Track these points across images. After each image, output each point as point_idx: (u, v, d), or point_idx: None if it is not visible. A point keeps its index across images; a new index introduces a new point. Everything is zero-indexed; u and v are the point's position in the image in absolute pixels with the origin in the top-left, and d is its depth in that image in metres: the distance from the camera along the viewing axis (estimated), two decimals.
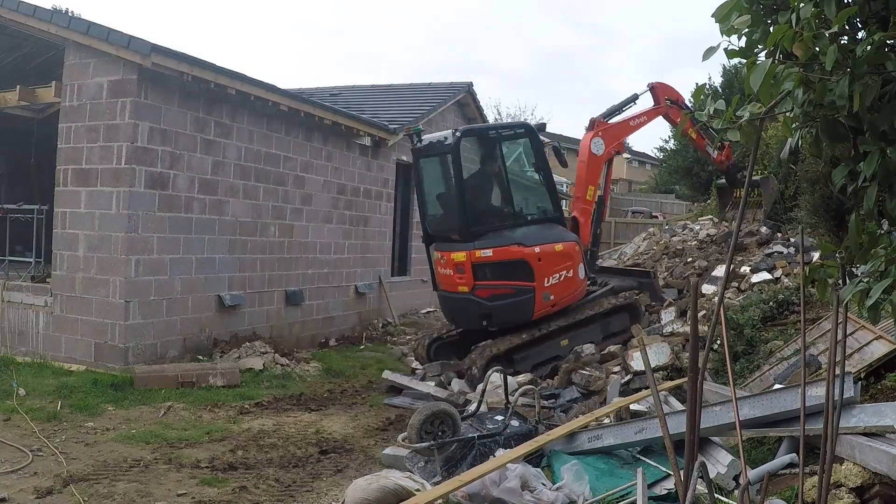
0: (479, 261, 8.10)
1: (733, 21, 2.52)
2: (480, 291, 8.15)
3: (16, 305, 9.11)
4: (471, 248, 8.13)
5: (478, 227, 8.34)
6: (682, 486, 3.07)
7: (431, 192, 9.23)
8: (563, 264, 8.55)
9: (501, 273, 8.19)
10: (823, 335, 6.64)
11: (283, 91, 10.37)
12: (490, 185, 8.93)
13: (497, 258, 8.15)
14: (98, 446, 5.81)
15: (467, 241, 8.21)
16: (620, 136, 10.12)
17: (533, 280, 8.28)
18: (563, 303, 8.65)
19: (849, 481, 4.04)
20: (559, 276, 8.47)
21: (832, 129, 2.55)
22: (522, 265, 8.26)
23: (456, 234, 8.46)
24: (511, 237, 8.34)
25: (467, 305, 8.32)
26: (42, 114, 12.24)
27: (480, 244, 8.16)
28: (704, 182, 28.60)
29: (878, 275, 2.53)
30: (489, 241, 8.23)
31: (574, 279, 8.69)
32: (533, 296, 8.28)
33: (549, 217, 8.94)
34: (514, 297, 8.21)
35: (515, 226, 8.58)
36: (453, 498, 4.50)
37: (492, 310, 8.17)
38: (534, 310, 8.33)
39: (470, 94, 17.04)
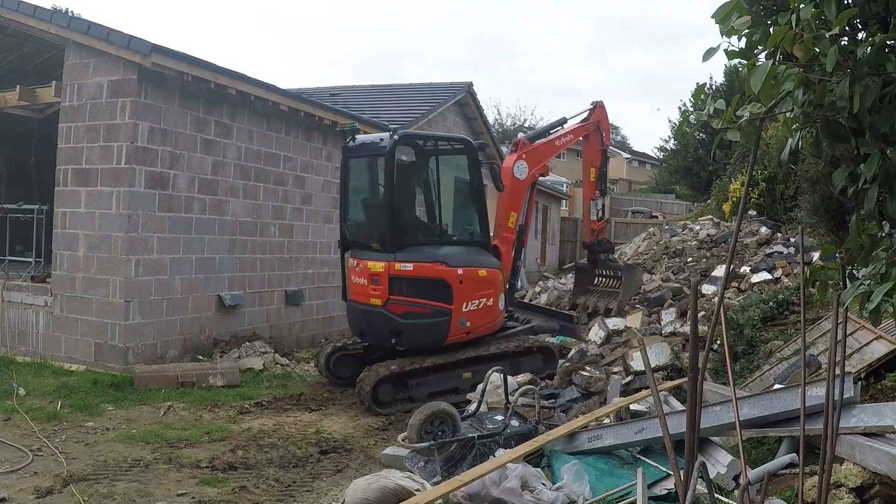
0: (397, 274, 7.53)
1: (733, 22, 2.52)
2: (394, 307, 7.55)
3: (16, 305, 9.11)
4: (391, 260, 7.55)
5: (402, 238, 7.76)
6: (682, 485, 3.07)
7: (356, 196, 8.64)
8: (484, 291, 7.99)
9: (419, 290, 7.62)
10: (823, 335, 6.64)
11: (283, 91, 10.38)
12: (419, 197, 8.54)
13: (417, 274, 7.59)
14: (98, 446, 5.81)
15: (388, 252, 7.61)
16: (545, 158, 9.56)
17: (451, 303, 7.70)
18: (479, 331, 8.06)
19: (849, 481, 4.05)
20: (478, 303, 7.92)
21: (832, 130, 2.55)
22: (442, 285, 7.69)
23: (377, 242, 7.84)
24: (435, 254, 7.80)
25: (378, 320, 7.69)
26: (42, 114, 12.24)
27: (402, 257, 7.58)
28: (704, 182, 28.68)
29: (878, 277, 2.53)
30: (411, 254, 7.66)
31: (493, 308, 8.13)
32: (449, 319, 7.70)
33: (475, 240, 8.37)
34: (428, 318, 7.63)
35: (441, 243, 8.10)
36: (453, 498, 4.50)
37: (404, 328, 7.55)
38: (448, 334, 7.72)
39: (470, 94, 17.05)
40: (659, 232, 17.03)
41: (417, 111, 14.90)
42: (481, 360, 7.89)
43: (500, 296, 8.27)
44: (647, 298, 10.55)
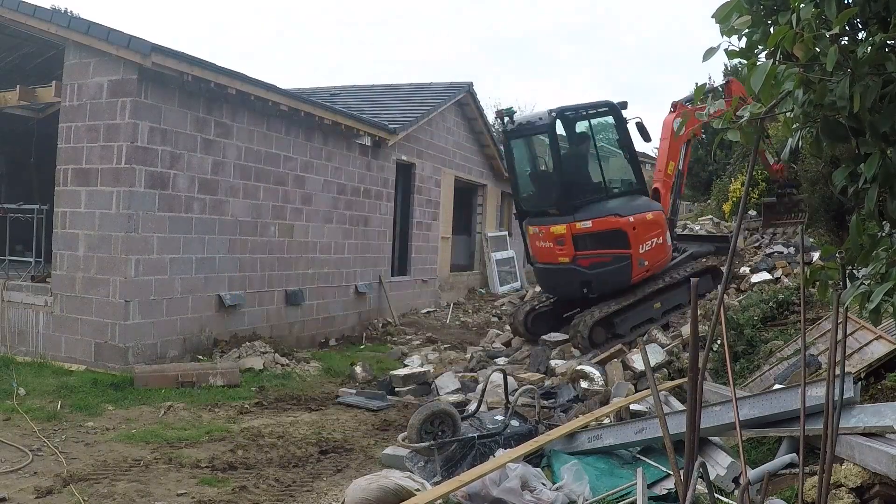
0: (579, 232, 8.81)
1: (734, 22, 2.52)
2: (582, 261, 8.87)
3: (16, 305, 9.11)
4: (570, 221, 8.84)
5: (575, 200, 9.01)
6: (682, 485, 3.07)
7: (524, 170, 9.89)
8: (653, 232, 9.22)
9: (600, 242, 8.89)
10: (823, 335, 6.64)
11: (283, 91, 10.37)
12: (582, 161, 9.57)
13: (596, 228, 8.86)
14: (98, 446, 5.81)
15: (566, 215, 8.90)
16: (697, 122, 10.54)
17: (629, 248, 8.95)
18: (656, 268, 9.38)
19: (849, 481, 4.05)
20: (651, 243, 9.16)
21: (832, 130, 2.55)
22: (619, 234, 8.93)
23: (554, 208, 9.11)
24: (607, 208, 9.02)
25: (568, 275, 9.00)
26: (42, 114, 12.25)
27: (580, 216, 8.86)
28: (704, 182, 28.62)
29: (878, 277, 2.53)
30: (587, 213, 8.92)
31: (664, 245, 9.39)
32: (630, 262, 8.96)
33: (634, 189, 9.53)
34: (613, 265, 8.89)
35: (607, 198, 9.24)
36: (453, 498, 4.50)
37: (593, 277, 8.85)
38: (632, 275, 9.01)
39: (470, 94, 17.05)
40: None
41: (417, 111, 14.90)
42: (665, 290, 9.44)
43: (667, 233, 9.54)
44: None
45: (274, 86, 10.15)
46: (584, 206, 9.05)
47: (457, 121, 17.12)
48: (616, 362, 7.75)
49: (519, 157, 9.93)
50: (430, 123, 15.39)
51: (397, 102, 16.20)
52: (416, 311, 14.51)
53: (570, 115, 9.55)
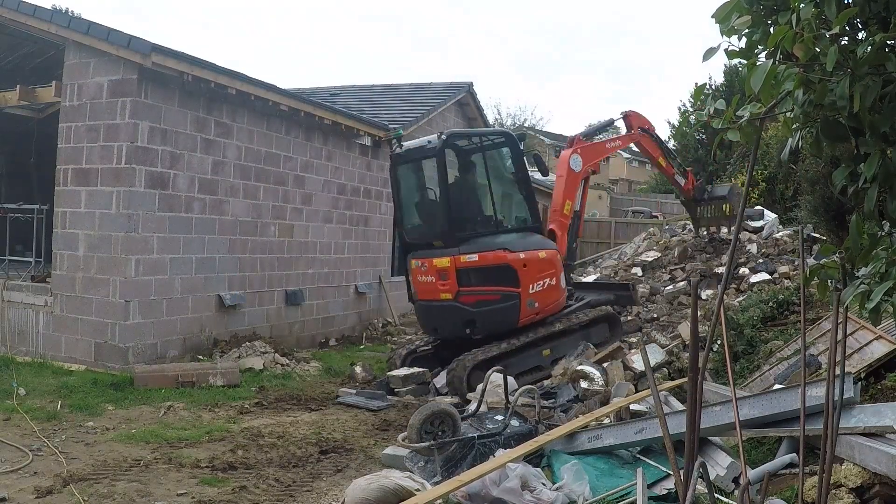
0: (463, 266, 7.96)
1: (733, 22, 2.52)
2: (465, 297, 8.00)
3: (16, 305, 9.11)
4: (455, 254, 7.99)
5: (461, 232, 8.22)
6: (682, 485, 3.07)
7: (411, 199, 9.08)
8: (546, 272, 8.46)
9: (487, 278, 8.05)
10: (823, 335, 6.64)
11: (283, 91, 10.37)
12: (472, 192, 8.87)
13: (482, 263, 8.02)
14: (98, 446, 5.81)
15: (451, 247, 8.07)
16: (597, 157, 10.26)
17: (518, 286, 8.15)
18: (547, 311, 8.56)
19: (849, 481, 4.05)
20: (543, 284, 8.37)
21: (832, 130, 2.55)
22: (508, 271, 8.12)
23: (439, 239, 8.30)
24: (496, 243, 8.22)
25: (451, 313, 8.13)
26: (42, 114, 12.24)
27: (465, 249, 8.02)
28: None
29: (878, 276, 2.53)
30: (474, 246, 8.10)
31: (557, 287, 8.64)
32: (518, 302, 8.16)
33: (528, 226, 8.87)
34: (499, 303, 8.07)
35: (497, 233, 8.46)
36: (453, 498, 4.50)
37: (476, 316, 8.00)
38: (520, 316, 8.20)
39: (470, 94, 17.06)
40: (659, 232, 17.01)
41: (417, 111, 14.90)
42: (555, 336, 8.59)
43: (561, 275, 8.81)
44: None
45: (274, 86, 10.15)
46: (472, 240, 8.23)
47: (457, 121, 17.11)
48: (616, 362, 7.74)
49: (406, 185, 9.08)
50: (431, 123, 15.38)
51: (397, 102, 16.20)
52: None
53: (462, 142, 8.96)
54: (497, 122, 47.77)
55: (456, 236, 8.13)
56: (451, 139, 8.43)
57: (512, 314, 8.15)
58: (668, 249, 13.95)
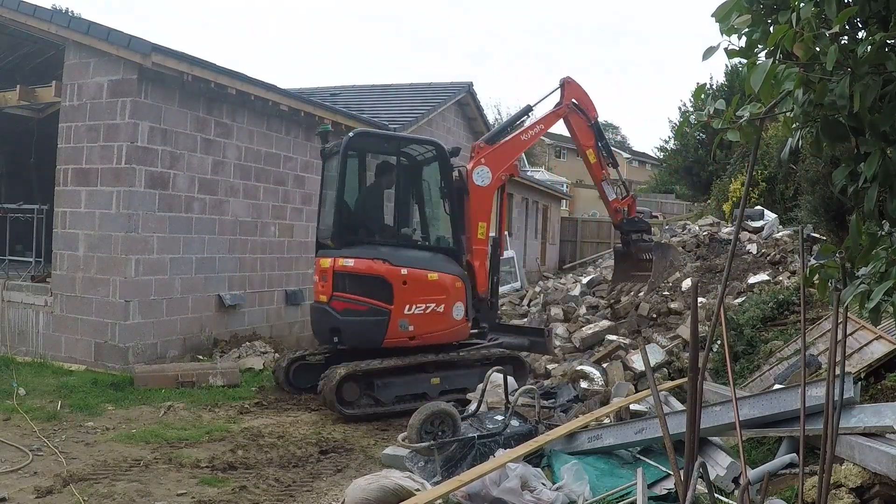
0: (340, 270, 7.35)
1: (733, 21, 2.52)
2: (336, 303, 7.35)
3: (16, 305, 9.11)
4: (337, 255, 7.43)
5: (352, 235, 7.58)
6: (682, 485, 3.07)
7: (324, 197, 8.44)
8: (433, 296, 7.57)
9: (360, 287, 7.34)
10: (823, 335, 6.64)
11: (283, 91, 10.38)
12: (377, 198, 8.13)
13: (357, 270, 7.35)
14: (98, 446, 5.81)
15: (338, 249, 7.50)
16: (511, 157, 8.75)
17: (391, 303, 7.34)
18: (427, 339, 7.59)
19: (849, 481, 4.04)
20: (425, 308, 7.51)
21: (833, 130, 2.55)
22: (383, 284, 7.35)
23: (330, 239, 7.68)
24: (378, 252, 7.47)
25: (323, 316, 7.53)
26: (42, 114, 12.24)
27: (346, 252, 7.41)
28: (704, 182, 28.69)
29: (878, 276, 2.53)
30: (356, 251, 7.45)
31: (444, 316, 7.66)
32: (387, 320, 7.32)
33: (443, 248, 7.97)
34: (366, 316, 7.32)
35: (398, 246, 7.68)
36: (453, 498, 4.50)
37: (342, 325, 7.33)
38: (385, 335, 7.35)
39: (470, 94, 17.06)
40: (659, 232, 17.03)
41: (417, 111, 14.91)
42: (449, 366, 7.69)
43: (457, 305, 7.76)
44: None
45: (274, 86, 10.16)
46: (361, 245, 7.53)
47: (457, 121, 17.12)
48: (616, 362, 7.74)
49: (325, 182, 8.43)
50: (431, 123, 15.39)
51: (397, 102, 16.21)
52: None
53: (373, 144, 8.30)
54: (497, 122, 47.80)
55: (344, 239, 7.50)
56: (357, 139, 7.75)
57: (377, 331, 7.33)
58: None
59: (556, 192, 28.13)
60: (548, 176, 34.08)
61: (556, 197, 28.23)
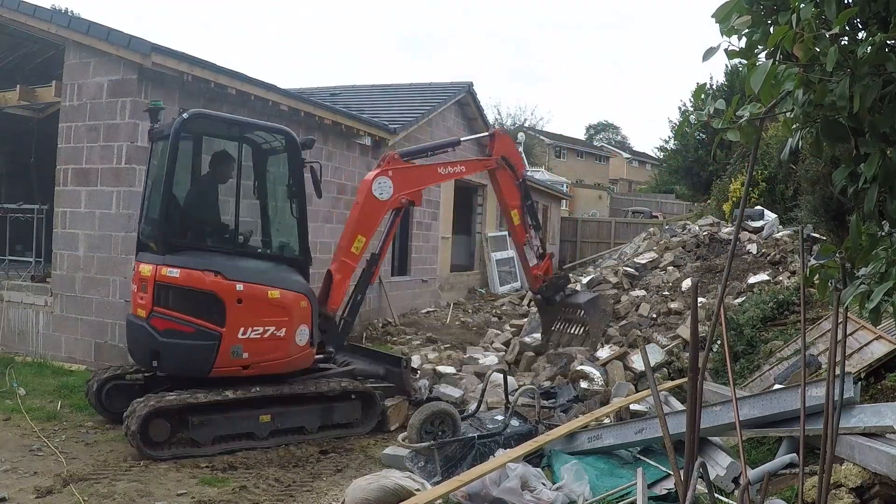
0: (163, 280, 6.04)
1: (733, 22, 2.52)
2: (156, 320, 6.03)
3: (16, 305, 9.11)
4: (160, 263, 6.12)
5: (179, 239, 6.31)
6: (682, 485, 3.07)
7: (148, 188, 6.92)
8: (273, 317, 6.35)
9: (186, 303, 6.06)
10: (823, 335, 6.65)
11: (283, 91, 10.37)
12: (211, 194, 6.83)
13: (183, 282, 6.05)
14: (98, 446, 5.81)
15: (162, 254, 6.20)
16: (421, 184, 8.00)
17: (223, 325, 6.08)
18: (263, 368, 6.37)
19: (849, 481, 4.05)
20: (262, 332, 6.28)
21: (832, 130, 2.55)
22: (213, 301, 6.09)
23: (153, 241, 6.43)
24: (211, 262, 6.20)
25: (141, 335, 6.18)
26: (42, 113, 12.24)
27: (172, 259, 6.11)
28: (704, 182, 28.71)
29: (878, 277, 2.53)
30: (183, 258, 6.15)
31: (286, 341, 6.43)
32: (217, 344, 6.06)
33: (288, 257, 6.92)
34: (191, 339, 6.03)
35: (234, 254, 6.46)
36: (453, 498, 4.51)
37: (163, 347, 6.01)
38: (213, 363, 6.08)
39: (470, 94, 17.05)
40: (659, 232, 17.03)
41: (417, 111, 14.90)
42: (284, 401, 6.40)
43: (301, 327, 6.56)
44: None
45: (274, 86, 10.15)
46: (190, 251, 6.25)
47: (457, 121, 17.11)
48: (616, 362, 7.75)
49: (152, 170, 6.88)
50: (430, 123, 15.38)
51: (397, 102, 16.20)
52: (415, 310, 14.50)
53: (211, 128, 6.90)
54: (497, 122, 47.85)
55: (169, 242, 6.21)
56: (194, 121, 6.37)
57: (204, 357, 6.06)
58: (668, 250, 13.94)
59: (556, 192, 28.12)
60: (548, 176, 34.06)
61: (556, 197, 28.23)
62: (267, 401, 6.32)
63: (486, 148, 9.00)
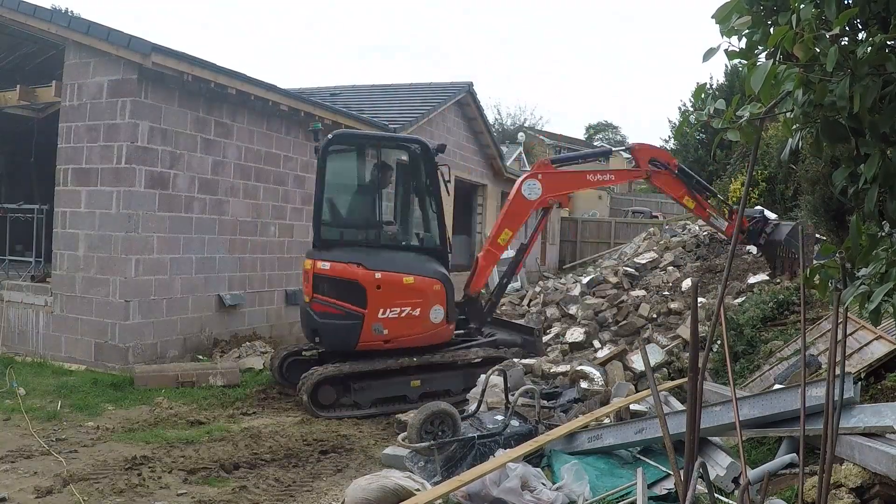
0: (318, 273, 7.50)
1: (734, 22, 2.52)
2: (315, 305, 7.52)
3: (16, 305, 9.11)
4: (316, 258, 7.59)
5: (331, 237, 7.75)
6: (682, 485, 3.07)
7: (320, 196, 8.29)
8: (409, 299, 7.56)
9: (335, 291, 7.46)
10: (823, 335, 6.64)
11: (283, 91, 10.38)
12: (359, 197, 8.25)
13: (332, 273, 7.46)
14: (98, 446, 5.81)
15: (319, 250, 7.70)
16: (567, 188, 9.12)
17: (365, 307, 7.39)
18: (403, 342, 7.62)
19: (849, 481, 4.04)
20: (399, 312, 7.51)
21: (833, 130, 2.55)
22: (356, 287, 7.42)
23: (313, 241, 7.92)
24: (354, 255, 7.55)
25: (306, 317, 7.73)
26: (42, 114, 12.24)
27: (324, 255, 7.57)
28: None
29: (878, 277, 2.53)
30: (333, 254, 7.58)
31: (421, 319, 7.63)
32: (360, 324, 7.40)
33: (427, 248, 8.07)
34: (340, 320, 7.42)
35: (377, 247, 7.76)
36: (453, 498, 4.50)
37: (320, 326, 7.50)
38: (359, 339, 7.43)
39: (470, 94, 17.05)
40: (659, 232, 17.03)
41: (417, 111, 14.90)
42: (431, 369, 7.70)
43: (436, 307, 7.71)
44: None
45: (274, 86, 10.16)
46: (341, 247, 7.67)
47: (457, 121, 17.12)
48: (616, 362, 7.73)
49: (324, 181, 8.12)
50: (430, 123, 15.39)
51: (397, 102, 16.20)
52: None
53: (355, 143, 8.41)
54: (497, 121, 47.84)
55: (323, 240, 7.70)
56: (338, 140, 7.91)
57: (351, 334, 7.41)
58: (668, 250, 13.94)
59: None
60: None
61: None
62: (416, 369, 7.65)
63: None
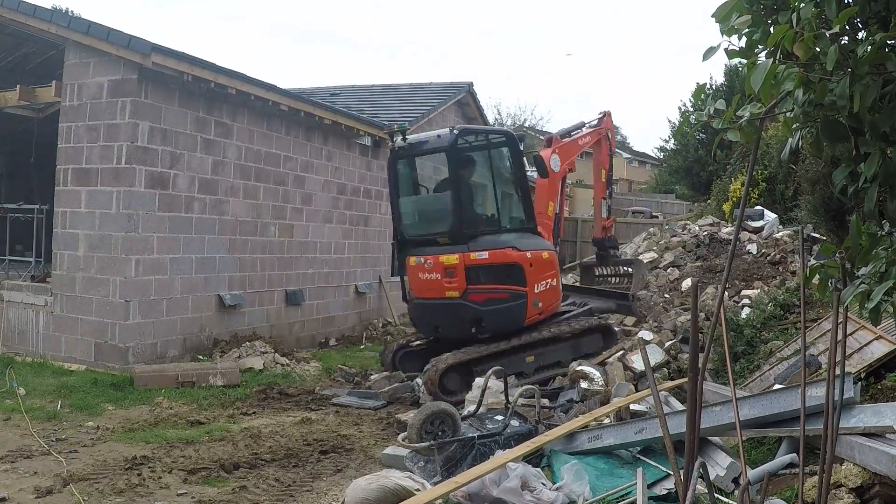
0: (473, 263, 7.89)
1: (733, 21, 2.52)
2: (474, 296, 7.91)
3: (16, 305, 9.11)
4: (465, 251, 7.89)
5: (470, 230, 8.11)
6: (682, 485, 3.07)
7: (412, 195, 9.01)
8: (548, 272, 8.45)
9: (496, 277, 8.01)
10: (823, 335, 6.64)
11: (283, 91, 10.38)
12: (476, 189, 8.84)
13: (493, 261, 7.98)
14: (98, 446, 5.81)
15: (459, 244, 7.96)
16: (573, 154, 10.12)
17: (526, 285, 8.13)
18: (549, 311, 8.52)
19: (849, 481, 4.04)
20: (545, 284, 8.36)
21: (833, 130, 2.55)
22: (517, 270, 8.11)
23: (446, 236, 8.14)
24: (502, 241, 8.19)
25: (457, 311, 8.00)
26: (42, 113, 12.24)
27: (475, 246, 7.95)
28: (704, 182, 28.67)
29: (878, 276, 2.53)
30: (480, 244, 8.02)
31: (556, 288, 8.64)
32: (526, 301, 8.12)
33: (524, 227, 8.70)
34: (508, 302, 8.03)
35: (498, 232, 8.39)
36: (453, 498, 4.50)
37: (485, 314, 7.93)
38: (526, 316, 8.16)
39: (470, 94, 17.05)
40: (659, 232, 17.02)
41: (417, 111, 14.91)
42: (543, 343, 8.31)
43: (559, 277, 8.78)
44: None
45: (274, 86, 10.16)
46: (477, 238, 8.09)
47: (457, 121, 17.10)
48: (616, 362, 7.74)
49: (405, 179, 8.92)
50: (431, 123, 15.37)
51: (397, 102, 16.21)
52: None
53: (470, 138, 8.74)
54: (497, 121, 47.77)
55: (464, 234, 8.01)
56: (463, 134, 8.36)
57: (519, 313, 8.10)
58: (668, 250, 13.93)
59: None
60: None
61: None
62: (529, 345, 8.16)
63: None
